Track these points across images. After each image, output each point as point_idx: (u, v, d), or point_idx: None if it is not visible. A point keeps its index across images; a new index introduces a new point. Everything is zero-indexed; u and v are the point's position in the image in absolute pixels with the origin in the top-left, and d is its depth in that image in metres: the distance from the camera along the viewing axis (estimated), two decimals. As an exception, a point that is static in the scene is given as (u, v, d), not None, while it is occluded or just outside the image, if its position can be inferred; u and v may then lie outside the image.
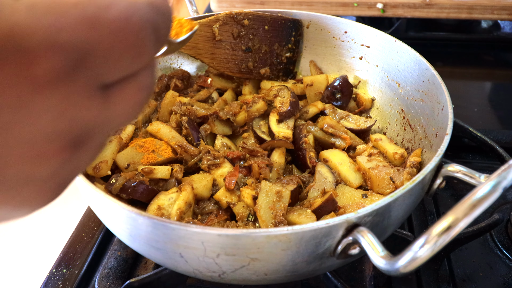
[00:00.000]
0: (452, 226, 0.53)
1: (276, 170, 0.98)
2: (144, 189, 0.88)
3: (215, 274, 0.69)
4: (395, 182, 0.89)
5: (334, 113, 1.11)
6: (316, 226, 0.61)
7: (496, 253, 0.99)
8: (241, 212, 0.87)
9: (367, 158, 0.97)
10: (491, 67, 1.76)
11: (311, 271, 0.72)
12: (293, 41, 1.26)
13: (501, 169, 0.55)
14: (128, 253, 0.98)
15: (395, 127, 1.10)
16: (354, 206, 0.86)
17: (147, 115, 1.15)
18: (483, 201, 0.53)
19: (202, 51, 1.16)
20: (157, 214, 0.83)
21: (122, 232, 0.73)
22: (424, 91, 0.98)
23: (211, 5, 1.79)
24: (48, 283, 0.94)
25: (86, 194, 0.75)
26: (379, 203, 0.64)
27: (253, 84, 1.26)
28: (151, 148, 0.99)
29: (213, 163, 0.96)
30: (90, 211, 1.10)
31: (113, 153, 0.97)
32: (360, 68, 1.21)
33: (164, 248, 0.67)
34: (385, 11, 1.69)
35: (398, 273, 0.55)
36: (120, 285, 0.90)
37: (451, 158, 1.25)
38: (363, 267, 0.96)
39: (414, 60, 1.02)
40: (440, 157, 0.73)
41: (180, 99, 1.12)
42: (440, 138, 0.85)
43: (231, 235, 0.60)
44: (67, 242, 1.03)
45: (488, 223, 0.94)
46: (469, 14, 1.66)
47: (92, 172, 0.92)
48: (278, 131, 1.01)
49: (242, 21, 1.18)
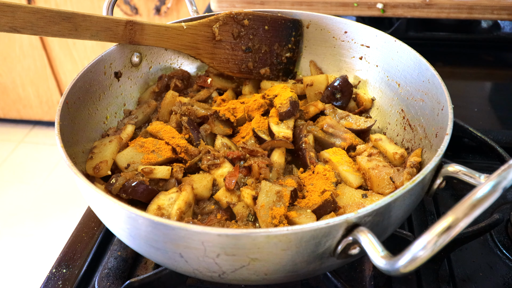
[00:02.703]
0: (452, 226, 0.53)
1: (276, 170, 0.98)
2: (144, 189, 0.88)
3: (215, 274, 0.69)
4: (395, 182, 0.89)
5: (334, 113, 1.11)
6: (316, 226, 0.61)
7: (496, 253, 0.99)
8: (241, 212, 0.87)
9: (367, 158, 0.97)
10: (491, 67, 1.76)
11: (311, 271, 0.72)
12: (293, 41, 1.26)
13: (501, 169, 0.54)
14: (128, 253, 0.98)
15: (395, 127, 1.10)
16: (354, 206, 0.86)
17: (147, 115, 1.15)
18: (483, 201, 0.53)
19: (202, 51, 1.16)
20: (157, 214, 0.83)
21: (122, 232, 0.73)
22: (424, 91, 0.98)
23: (211, 5, 1.79)
24: (48, 283, 0.94)
25: (86, 194, 0.75)
26: (379, 203, 0.64)
27: (253, 84, 1.26)
28: (151, 148, 0.99)
29: (213, 163, 0.96)
30: (90, 211, 1.10)
31: (113, 153, 0.97)
32: (360, 68, 1.21)
33: (164, 248, 0.67)
34: (385, 11, 1.69)
35: (398, 273, 0.55)
36: (120, 285, 0.90)
37: (451, 158, 1.25)
38: (363, 267, 0.96)
39: (414, 60, 1.02)
40: (440, 157, 0.73)
41: (180, 99, 1.12)
42: (440, 138, 0.85)
43: (231, 235, 0.60)
44: (67, 242, 1.03)
45: (488, 223, 0.94)
46: (469, 14, 1.66)
47: (92, 172, 0.92)
48: (278, 131, 1.01)
49: (242, 21, 1.18)
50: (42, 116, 3.74)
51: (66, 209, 3.12)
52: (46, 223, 3.03)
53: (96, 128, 1.04)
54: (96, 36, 0.97)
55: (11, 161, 3.59)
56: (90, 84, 1.02)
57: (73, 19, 0.92)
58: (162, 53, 1.21)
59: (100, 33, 0.97)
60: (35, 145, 3.76)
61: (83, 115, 0.99)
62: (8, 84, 3.55)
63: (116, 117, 1.12)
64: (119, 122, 1.11)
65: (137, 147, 0.99)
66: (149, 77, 1.21)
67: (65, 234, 2.86)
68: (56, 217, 3.07)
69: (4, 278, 2.68)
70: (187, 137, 1.04)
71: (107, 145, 0.98)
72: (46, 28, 0.89)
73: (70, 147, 0.88)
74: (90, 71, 1.01)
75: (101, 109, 1.06)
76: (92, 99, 1.03)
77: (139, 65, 1.17)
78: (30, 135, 3.87)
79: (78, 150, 0.94)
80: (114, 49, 1.08)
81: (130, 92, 1.16)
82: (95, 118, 1.04)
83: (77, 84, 0.96)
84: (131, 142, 1.02)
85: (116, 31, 1.00)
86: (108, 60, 1.07)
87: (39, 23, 0.87)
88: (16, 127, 3.92)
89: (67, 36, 0.93)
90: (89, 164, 0.94)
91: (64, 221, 3.03)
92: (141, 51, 1.16)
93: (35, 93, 3.59)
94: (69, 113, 0.91)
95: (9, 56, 3.38)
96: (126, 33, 1.02)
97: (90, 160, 0.95)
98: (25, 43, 3.28)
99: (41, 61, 3.37)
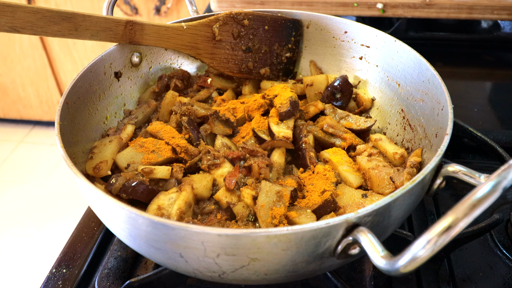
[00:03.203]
0: (452, 226, 0.53)
1: (276, 170, 0.98)
2: (144, 189, 0.88)
3: (215, 274, 0.69)
4: (395, 182, 0.89)
5: (334, 113, 1.11)
6: (316, 226, 0.61)
7: (496, 253, 0.99)
8: (241, 212, 0.87)
9: (367, 158, 0.97)
10: (491, 67, 1.76)
11: (311, 271, 0.72)
12: (293, 41, 1.26)
13: (501, 169, 0.54)
14: (128, 253, 0.98)
15: (395, 127, 1.10)
16: (354, 206, 0.86)
17: (147, 115, 1.15)
18: (483, 201, 0.53)
19: (202, 51, 1.16)
20: (157, 214, 0.83)
21: (122, 232, 0.73)
22: (424, 91, 0.98)
23: (211, 5, 1.79)
24: (48, 283, 0.94)
25: (86, 194, 0.75)
26: (379, 203, 0.64)
27: (253, 84, 1.26)
28: (151, 148, 0.99)
29: (213, 163, 0.96)
30: (90, 211, 1.10)
31: (113, 153, 0.97)
32: (360, 68, 1.21)
33: (164, 248, 0.67)
34: (385, 11, 1.69)
35: (398, 273, 0.55)
36: (120, 285, 0.90)
37: (451, 158, 1.25)
38: (363, 267, 0.96)
39: (414, 60, 1.02)
40: (440, 157, 0.73)
41: (180, 99, 1.12)
42: (440, 138, 0.85)
43: (231, 235, 0.60)
44: (67, 242, 1.03)
45: (488, 223, 0.94)
46: (469, 14, 1.66)
47: (92, 172, 0.92)
48: (278, 131, 1.01)
49: (242, 21, 1.18)
50: (42, 116, 3.74)
51: (66, 209, 3.12)
52: (46, 223, 3.03)
53: (96, 128, 1.04)
54: (96, 36, 0.97)
55: (11, 161, 3.59)
56: (90, 84, 1.02)
57: (73, 19, 0.92)
58: (162, 53, 1.21)
59: (100, 33, 0.97)
60: (35, 145, 3.76)
61: (83, 115, 0.99)
62: (8, 84, 3.55)
63: (116, 117, 1.12)
64: (119, 122, 1.11)
65: (137, 147, 0.99)
66: (149, 77, 1.21)
67: (65, 234, 2.86)
68: (56, 217, 3.07)
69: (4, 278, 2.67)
70: (187, 137, 1.04)
71: (107, 145, 0.98)
72: (46, 28, 0.89)
73: (70, 147, 0.88)
74: (90, 71, 1.01)
75: (101, 109, 1.06)
76: (92, 99, 1.03)
77: (139, 65, 1.17)
78: (30, 135, 3.87)
79: (78, 150, 0.94)
80: (114, 49, 1.08)
81: (130, 92, 1.16)
82: (95, 118, 1.04)
83: (77, 84, 0.96)
84: (131, 142, 1.02)
85: (116, 31, 1.00)
86: (108, 60, 1.07)
87: (39, 23, 0.87)
88: (16, 127, 3.92)
89: (67, 36, 0.93)
90: (89, 164, 0.94)
91: (64, 221, 3.03)
92: (141, 51, 1.16)
93: (35, 93, 3.59)
94: (69, 113, 0.91)
95: (9, 56, 3.38)
96: (126, 33, 1.02)
97: (90, 160, 0.95)
98: (25, 43, 3.28)
99: (41, 61, 3.37)
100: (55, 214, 3.10)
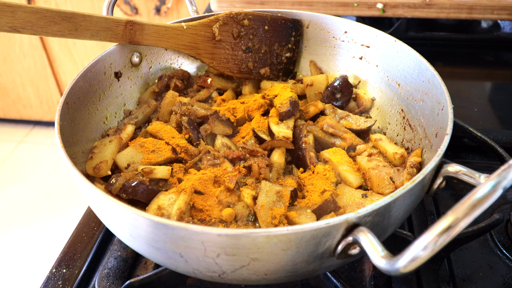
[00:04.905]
0: (452, 226, 0.53)
1: (276, 170, 0.98)
2: (144, 189, 0.88)
3: (215, 274, 0.69)
4: (395, 182, 0.89)
5: (334, 113, 1.11)
6: (316, 226, 0.61)
7: (496, 253, 0.99)
8: (241, 212, 0.87)
9: (367, 158, 0.97)
10: (491, 67, 1.76)
11: (311, 271, 0.72)
12: (293, 41, 1.26)
13: (501, 169, 0.54)
14: (128, 253, 0.98)
15: (395, 127, 1.10)
16: (354, 206, 0.86)
17: (147, 115, 1.15)
18: (483, 201, 0.53)
19: (202, 51, 1.16)
20: (157, 214, 0.83)
21: (122, 232, 0.73)
22: (424, 91, 0.98)
23: (211, 5, 1.79)
24: (48, 283, 0.94)
25: (86, 194, 0.75)
26: (379, 203, 0.64)
27: (253, 84, 1.26)
28: (151, 148, 0.99)
29: (213, 163, 0.96)
30: (90, 211, 1.10)
31: (113, 153, 0.97)
32: (360, 68, 1.21)
33: (164, 248, 0.67)
34: (385, 11, 1.69)
35: (398, 273, 0.55)
36: (120, 285, 0.90)
37: (451, 158, 1.25)
38: (363, 267, 0.96)
39: (414, 60, 1.02)
40: (440, 157, 0.73)
41: (180, 99, 1.12)
42: (440, 138, 0.85)
43: (231, 235, 0.60)
44: (67, 242, 1.03)
45: (488, 223, 0.94)
46: (469, 14, 1.66)
47: (92, 172, 0.92)
48: (278, 131, 1.01)
49: (242, 21, 1.18)
50: (42, 116, 3.74)
51: (66, 209, 3.12)
52: (46, 223, 3.03)
53: (96, 128, 1.04)
54: (96, 36, 0.97)
55: (11, 161, 3.59)
56: (90, 84, 1.02)
57: (73, 19, 0.92)
58: (162, 53, 1.21)
59: (100, 33, 0.97)
60: (35, 145, 3.76)
61: (83, 115, 0.99)
62: (8, 84, 3.55)
63: (116, 117, 1.12)
64: (119, 122, 1.11)
65: (137, 147, 0.99)
66: (149, 77, 1.21)
67: (65, 234, 2.86)
68: (56, 217, 3.07)
69: (4, 278, 2.68)
70: (187, 137, 1.04)
71: (107, 145, 0.98)
72: (46, 28, 0.89)
73: (70, 147, 0.88)
74: (90, 71, 1.01)
75: (101, 109, 1.06)
76: (92, 99, 1.03)
77: (139, 65, 1.17)
78: (30, 135, 3.87)
79: (78, 150, 0.94)
80: (114, 49, 1.08)
81: (130, 92, 1.16)
82: (95, 118, 1.04)
83: (77, 84, 0.96)
84: (131, 142, 1.02)
85: (116, 31, 1.00)
86: (108, 60, 1.07)
87: (39, 23, 0.87)
88: (16, 127, 3.92)
89: (67, 36, 0.93)
90: (89, 164, 0.94)
91: (64, 221, 3.03)
92: (141, 51, 1.16)
93: (35, 93, 3.59)
94: (69, 113, 0.91)
95: (9, 56, 3.38)
96: (126, 33, 1.02)
97: (90, 160, 0.95)
98: (25, 43, 3.28)
99: (41, 61, 3.37)
100: (55, 214, 3.10)
